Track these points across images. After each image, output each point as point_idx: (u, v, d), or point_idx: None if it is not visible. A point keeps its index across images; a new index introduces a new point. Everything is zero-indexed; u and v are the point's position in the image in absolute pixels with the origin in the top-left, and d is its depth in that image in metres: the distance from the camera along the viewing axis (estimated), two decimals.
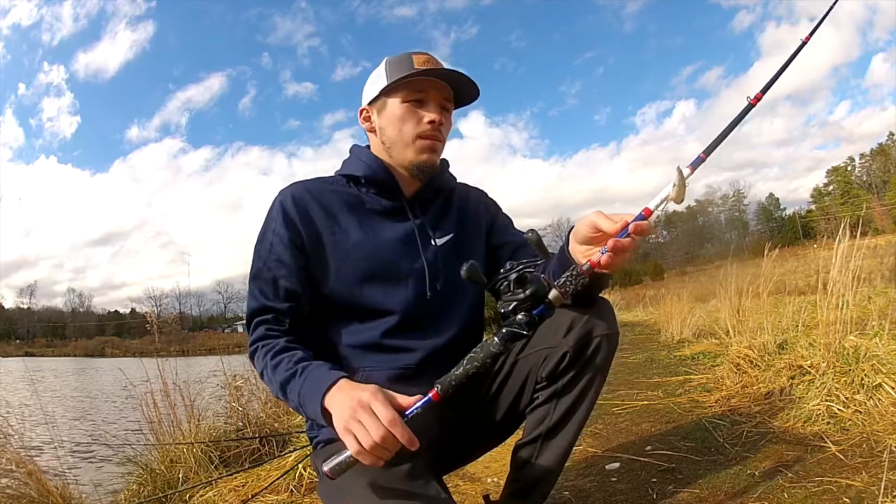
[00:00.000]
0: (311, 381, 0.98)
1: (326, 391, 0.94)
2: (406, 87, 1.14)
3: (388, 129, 1.18)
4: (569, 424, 1.12)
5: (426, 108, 1.15)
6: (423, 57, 1.15)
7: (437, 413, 1.17)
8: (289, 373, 1.01)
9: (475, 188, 1.36)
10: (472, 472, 1.98)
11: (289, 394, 1.01)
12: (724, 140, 0.97)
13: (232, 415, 3.08)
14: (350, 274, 1.13)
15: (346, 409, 0.88)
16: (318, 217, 1.15)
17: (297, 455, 2.20)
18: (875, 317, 2.37)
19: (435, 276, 1.17)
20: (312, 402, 0.95)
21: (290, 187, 1.18)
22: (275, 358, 1.05)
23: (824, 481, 1.45)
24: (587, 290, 1.05)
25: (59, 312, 70.72)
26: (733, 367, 2.74)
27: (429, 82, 1.14)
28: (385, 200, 1.19)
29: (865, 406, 1.82)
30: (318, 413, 0.94)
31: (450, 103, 1.20)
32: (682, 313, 5.90)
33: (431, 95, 1.15)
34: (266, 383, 1.08)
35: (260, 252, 1.15)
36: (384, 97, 1.17)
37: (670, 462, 1.79)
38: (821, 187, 55.83)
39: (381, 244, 1.15)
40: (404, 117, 1.15)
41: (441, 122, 1.15)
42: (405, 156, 1.17)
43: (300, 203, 1.15)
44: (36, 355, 43.99)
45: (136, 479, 2.44)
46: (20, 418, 2.87)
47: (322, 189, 1.18)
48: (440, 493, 0.93)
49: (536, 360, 1.11)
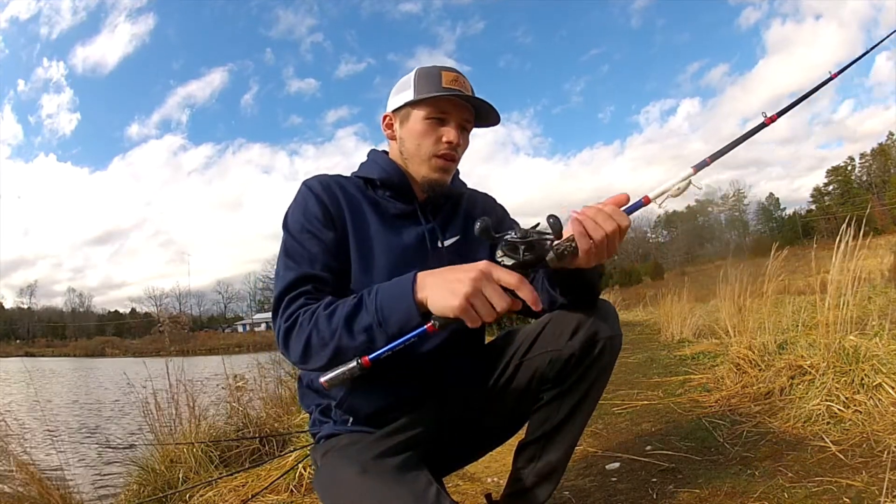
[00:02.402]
0: (386, 288, 0.94)
1: (413, 282, 0.91)
2: (431, 105, 1.16)
3: (407, 142, 1.19)
4: (572, 425, 1.14)
5: (446, 127, 1.16)
6: (451, 75, 1.16)
7: (439, 412, 1.17)
8: (353, 304, 0.95)
9: (483, 193, 1.38)
10: (472, 471, 1.98)
11: (357, 324, 0.93)
12: (731, 150, 1.01)
13: (232, 415, 3.08)
14: (367, 264, 1.13)
15: (464, 283, 0.86)
16: (344, 203, 1.15)
17: (298, 455, 2.20)
18: (875, 316, 2.37)
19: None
20: (398, 302, 0.91)
21: (315, 177, 1.19)
22: (327, 308, 0.97)
23: (824, 481, 1.45)
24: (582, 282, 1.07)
25: (58, 312, 70.64)
26: (733, 366, 2.74)
27: (452, 102, 1.16)
28: (399, 203, 1.21)
29: (865, 406, 1.82)
30: (411, 310, 0.90)
31: (470, 123, 1.21)
32: (683, 313, 5.91)
33: (453, 116, 1.16)
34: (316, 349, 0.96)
35: (291, 230, 1.11)
36: (409, 108, 1.19)
37: (670, 462, 1.80)
38: (821, 187, 55.87)
39: (398, 243, 1.16)
40: (424, 133, 1.16)
41: (458, 144, 1.17)
42: (419, 170, 1.19)
43: (328, 188, 1.15)
44: (36, 355, 43.98)
45: (136, 480, 2.45)
46: (20, 419, 2.88)
47: (345, 182, 1.20)
48: (431, 484, 0.93)
49: (542, 362, 1.13)
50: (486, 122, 1.24)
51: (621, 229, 0.93)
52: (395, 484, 0.92)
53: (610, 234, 0.92)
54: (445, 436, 1.18)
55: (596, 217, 0.92)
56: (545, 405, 1.15)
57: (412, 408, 1.15)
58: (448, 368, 1.17)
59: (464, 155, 1.25)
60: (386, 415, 1.13)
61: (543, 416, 1.15)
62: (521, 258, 0.92)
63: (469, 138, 1.23)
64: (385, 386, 1.12)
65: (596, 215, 0.93)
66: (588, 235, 0.92)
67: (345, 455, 1.03)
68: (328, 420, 1.18)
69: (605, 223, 0.92)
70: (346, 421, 1.15)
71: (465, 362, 1.20)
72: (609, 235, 0.92)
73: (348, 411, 1.15)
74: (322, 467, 1.08)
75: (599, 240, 0.92)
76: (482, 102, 1.16)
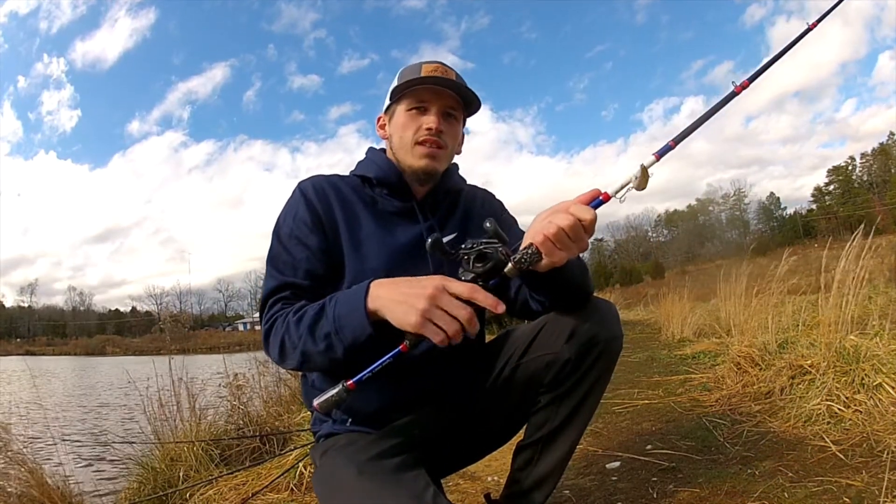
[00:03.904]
0: (343, 298, 0.97)
1: (366, 293, 0.93)
2: (410, 96, 1.17)
3: (394, 136, 1.21)
4: (570, 429, 1.13)
5: (426, 115, 1.17)
6: (431, 66, 1.17)
7: (438, 414, 1.17)
8: (316, 311, 0.98)
9: (483, 189, 1.38)
10: (472, 470, 1.98)
11: (318, 331, 0.96)
12: (696, 129, 0.97)
13: (233, 413, 3.08)
14: (362, 264, 1.14)
15: (419, 299, 0.87)
16: (337, 206, 1.16)
17: (298, 453, 2.20)
18: (875, 316, 2.37)
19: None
20: (352, 312, 0.93)
21: (310, 178, 1.20)
22: (296, 314, 1.01)
23: (825, 481, 1.45)
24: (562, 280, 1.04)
25: (59, 311, 70.66)
26: (734, 366, 2.74)
27: (431, 91, 1.16)
28: (396, 201, 1.21)
29: (866, 406, 1.82)
30: (363, 320, 0.92)
31: (457, 111, 1.21)
32: (683, 312, 5.91)
33: (433, 103, 1.17)
34: (289, 352, 1.01)
35: (279, 235, 1.15)
36: (394, 105, 1.21)
37: (671, 461, 1.80)
38: (822, 186, 55.80)
39: (392, 242, 1.16)
40: (406, 124, 1.18)
41: (441, 129, 1.17)
42: (406, 160, 1.19)
43: (321, 191, 1.17)
44: (36, 354, 43.96)
45: (136, 478, 2.45)
46: (21, 417, 2.88)
47: (340, 183, 1.21)
48: (428, 486, 0.93)
49: (539, 366, 1.12)
50: (473, 110, 1.24)
51: (583, 222, 0.90)
52: (393, 485, 0.92)
53: (566, 228, 0.89)
54: (444, 437, 1.18)
55: (551, 217, 0.91)
56: (543, 408, 1.14)
57: (411, 409, 1.15)
58: (446, 370, 1.17)
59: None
60: (385, 415, 1.14)
61: (541, 419, 1.14)
62: (472, 269, 0.94)
63: (459, 127, 1.23)
64: (384, 387, 1.11)
65: (551, 214, 0.91)
66: (541, 233, 0.90)
67: (342, 455, 1.03)
68: (328, 419, 1.18)
69: (558, 219, 0.90)
70: (345, 421, 1.16)
71: (464, 364, 1.20)
72: (565, 229, 0.89)
73: (347, 411, 1.15)
74: (320, 467, 1.08)
75: (553, 234, 0.89)
76: (461, 87, 1.16)
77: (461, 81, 1.19)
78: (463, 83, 1.18)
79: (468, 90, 1.17)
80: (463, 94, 1.18)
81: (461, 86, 1.16)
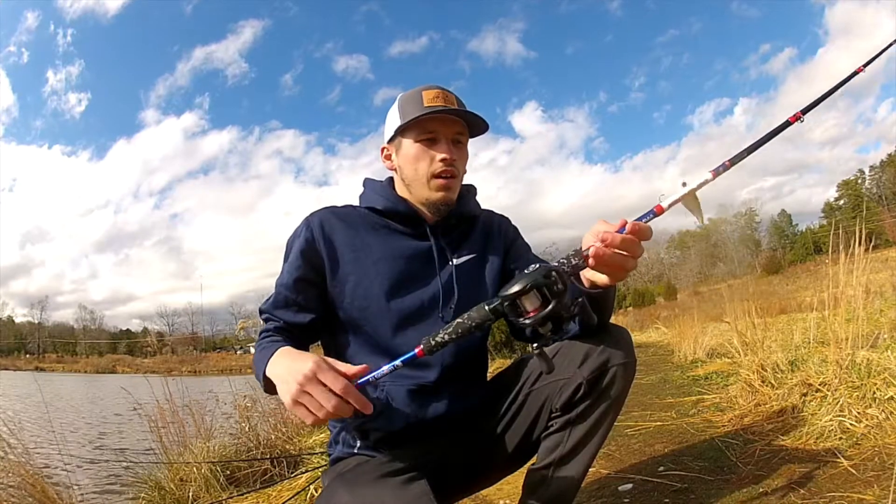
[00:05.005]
0: (260, 353, 1.05)
1: (269, 358, 0.99)
2: (417, 127, 1.17)
3: (405, 169, 1.21)
4: (581, 453, 1.11)
5: (438, 146, 1.17)
6: (432, 93, 1.17)
7: (450, 438, 1.17)
8: (265, 347, 1.05)
9: (499, 214, 1.39)
10: (483, 494, 1.96)
11: (258, 366, 1.04)
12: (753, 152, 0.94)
13: (241, 435, 3.08)
14: (370, 290, 1.16)
15: (291, 382, 0.88)
16: (342, 237, 1.19)
17: (309, 476, 2.20)
18: (886, 329, 2.34)
19: (448, 295, 1.19)
20: (259, 373, 1.02)
21: (318, 211, 1.24)
22: (259, 343, 1.10)
23: (836, 496, 1.43)
24: (595, 310, 1.06)
25: (69, 329, 70.70)
26: (746, 385, 2.70)
27: (438, 120, 1.16)
28: (408, 228, 1.23)
29: (877, 419, 1.79)
30: (260, 378, 1.02)
31: (463, 136, 1.22)
32: (695, 333, 5.83)
33: (442, 132, 1.18)
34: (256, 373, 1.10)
35: (285, 264, 1.22)
36: (399, 137, 1.21)
37: (683, 482, 1.77)
38: (832, 202, 55.18)
39: (401, 261, 1.19)
40: (418, 157, 1.18)
41: (454, 159, 1.18)
42: (422, 194, 1.20)
43: (326, 227, 1.20)
44: (46, 370, 44.09)
45: (144, 498, 2.45)
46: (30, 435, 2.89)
47: (349, 212, 1.25)
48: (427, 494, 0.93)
49: (552, 391, 1.12)
50: (478, 132, 1.25)
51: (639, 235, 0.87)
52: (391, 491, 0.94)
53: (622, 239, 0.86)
54: (455, 461, 1.18)
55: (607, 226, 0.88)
56: (555, 432, 1.13)
57: (423, 433, 1.15)
58: (460, 395, 1.18)
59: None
60: (397, 439, 1.14)
61: (553, 443, 1.13)
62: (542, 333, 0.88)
63: (467, 151, 1.25)
64: (397, 411, 1.13)
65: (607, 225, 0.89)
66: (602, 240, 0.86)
67: (348, 475, 1.04)
68: (338, 443, 1.20)
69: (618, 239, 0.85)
70: (353, 445, 1.17)
71: (471, 391, 1.21)
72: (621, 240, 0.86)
73: (359, 434, 1.16)
74: (325, 488, 1.09)
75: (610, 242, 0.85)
76: (467, 113, 1.18)
77: (463, 105, 1.21)
78: (465, 108, 1.19)
79: (474, 115, 1.19)
80: (469, 119, 1.20)
81: (471, 114, 1.18)
